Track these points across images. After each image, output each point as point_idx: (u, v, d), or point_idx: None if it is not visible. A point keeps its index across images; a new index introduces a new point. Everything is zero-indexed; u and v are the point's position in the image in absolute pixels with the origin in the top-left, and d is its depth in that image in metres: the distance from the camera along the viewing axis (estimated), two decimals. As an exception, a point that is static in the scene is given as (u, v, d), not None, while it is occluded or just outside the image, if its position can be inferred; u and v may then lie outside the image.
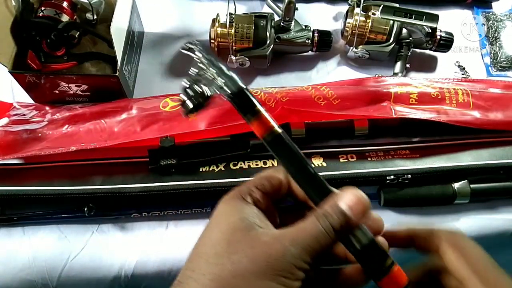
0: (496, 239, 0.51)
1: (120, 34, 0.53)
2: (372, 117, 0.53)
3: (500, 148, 0.53)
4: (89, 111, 0.53)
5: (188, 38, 0.65)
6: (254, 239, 0.26)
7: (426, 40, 0.63)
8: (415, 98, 0.55)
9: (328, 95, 0.53)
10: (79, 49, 0.56)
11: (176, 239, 0.48)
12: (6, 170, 0.49)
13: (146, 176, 0.48)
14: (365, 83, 0.58)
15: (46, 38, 0.53)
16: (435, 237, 0.31)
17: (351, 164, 0.51)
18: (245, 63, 0.59)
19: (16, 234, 0.47)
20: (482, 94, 0.57)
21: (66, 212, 0.47)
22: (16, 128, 0.51)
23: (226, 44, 0.58)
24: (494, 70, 0.66)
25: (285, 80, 0.63)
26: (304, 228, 0.26)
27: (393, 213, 0.50)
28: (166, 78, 0.61)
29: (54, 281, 0.45)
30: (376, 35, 0.62)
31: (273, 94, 0.53)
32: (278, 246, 0.25)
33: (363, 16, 0.62)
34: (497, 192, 0.51)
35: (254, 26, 0.57)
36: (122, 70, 0.53)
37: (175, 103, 0.52)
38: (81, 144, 0.49)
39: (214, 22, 0.59)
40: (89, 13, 0.57)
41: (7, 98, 0.55)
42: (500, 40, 0.68)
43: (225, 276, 0.25)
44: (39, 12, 0.53)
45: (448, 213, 0.50)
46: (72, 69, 0.54)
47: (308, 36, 0.61)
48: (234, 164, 0.50)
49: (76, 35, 0.55)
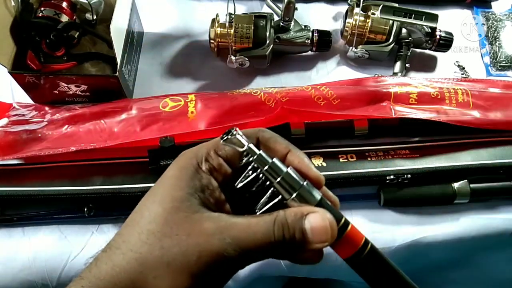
0: (496, 239, 0.51)
1: (119, 34, 0.53)
2: (372, 117, 0.53)
3: (500, 147, 0.53)
4: (89, 111, 0.53)
5: (187, 38, 0.65)
6: (194, 225, 0.23)
7: (425, 40, 0.63)
8: (415, 98, 0.55)
9: (328, 95, 0.53)
10: (79, 49, 0.56)
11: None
12: (6, 171, 0.49)
13: (146, 177, 0.48)
14: (365, 83, 0.59)
15: (45, 38, 0.53)
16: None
17: (351, 164, 0.51)
18: (244, 63, 0.59)
19: (16, 235, 0.47)
20: (482, 94, 0.57)
21: (66, 212, 0.47)
22: (16, 129, 0.51)
23: (226, 44, 0.58)
24: (493, 70, 0.66)
25: (285, 80, 0.63)
26: (254, 230, 0.23)
27: (393, 213, 0.50)
28: (165, 78, 0.61)
29: (54, 282, 0.45)
30: (375, 35, 0.62)
31: (273, 94, 0.53)
32: (216, 242, 0.23)
33: (362, 16, 0.62)
34: (497, 191, 0.51)
35: (253, 26, 0.57)
36: (121, 70, 0.53)
37: (175, 103, 0.52)
38: (81, 144, 0.49)
39: (214, 22, 0.59)
40: (89, 13, 0.57)
41: (7, 99, 0.55)
42: (499, 39, 0.68)
43: (150, 261, 0.23)
44: (39, 12, 0.53)
45: (448, 213, 0.50)
46: (72, 69, 0.54)
47: (308, 36, 0.61)
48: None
49: (75, 35, 0.55)
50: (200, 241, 0.23)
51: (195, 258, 0.22)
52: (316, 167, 0.50)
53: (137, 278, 0.23)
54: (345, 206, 0.51)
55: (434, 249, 0.50)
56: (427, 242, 0.49)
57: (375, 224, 0.49)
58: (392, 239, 0.49)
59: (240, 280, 0.48)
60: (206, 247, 0.23)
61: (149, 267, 0.23)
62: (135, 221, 0.25)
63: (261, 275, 0.49)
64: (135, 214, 0.25)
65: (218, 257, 0.23)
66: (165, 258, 0.23)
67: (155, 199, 0.25)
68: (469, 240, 0.50)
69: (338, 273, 0.52)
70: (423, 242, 0.49)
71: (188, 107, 0.52)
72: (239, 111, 0.52)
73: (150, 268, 0.23)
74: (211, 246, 0.23)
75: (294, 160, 0.26)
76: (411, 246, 0.49)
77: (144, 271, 0.23)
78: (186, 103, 0.52)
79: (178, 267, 0.22)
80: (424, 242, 0.49)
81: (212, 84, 0.61)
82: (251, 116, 0.51)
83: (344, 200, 0.51)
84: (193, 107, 0.52)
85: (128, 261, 0.23)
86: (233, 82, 0.61)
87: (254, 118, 0.51)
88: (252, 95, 0.53)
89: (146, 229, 0.24)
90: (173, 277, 0.22)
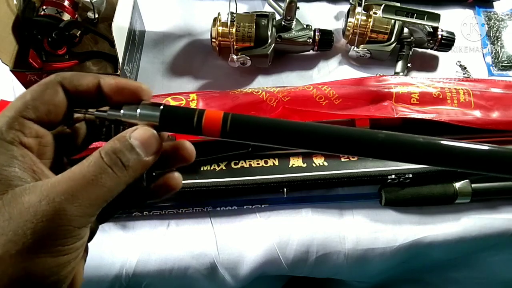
0: (497, 239, 0.51)
1: (121, 33, 0.53)
2: (373, 117, 0.53)
3: (501, 147, 0.53)
4: (91, 110, 0.53)
5: (189, 37, 0.65)
6: (13, 205, 0.19)
7: (427, 39, 0.63)
8: (417, 98, 0.55)
9: (330, 94, 0.53)
10: (81, 48, 0.56)
11: (177, 238, 0.48)
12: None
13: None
14: (367, 83, 0.58)
15: (47, 37, 0.53)
16: None
17: (353, 163, 0.51)
18: (246, 62, 0.59)
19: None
20: (484, 94, 0.57)
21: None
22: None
23: (228, 43, 0.58)
24: (495, 70, 0.66)
25: (286, 79, 0.63)
26: (83, 171, 0.21)
27: (394, 212, 0.50)
28: (167, 77, 0.61)
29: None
30: (377, 35, 0.62)
31: (274, 94, 0.53)
32: (46, 207, 0.19)
33: (364, 16, 0.61)
34: (498, 192, 0.51)
35: (255, 25, 0.57)
36: (123, 69, 0.53)
37: (176, 102, 0.52)
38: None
39: (216, 21, 0.59)
40: (91, 12, 0.57)
41: (9, 97, 0.55)
42: (501, 39, 0.68)
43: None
44: (41, 11, 0.53)
45: (449, 213, 0.50)
46: (74, 68, 0.54)
47: (310, 35, 0.61)
48: (235, 163, 0.50)
49: (77, 34, 0.55)
50: (28, 217, 0.19)
51: (33, 236, 0.19)
52: (317, 166, 0.50)
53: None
54: (347, 205, 0.51)
55: (435, 249, 0.50)
56: (428, 242, 0.49)
57: (376, 224, 0.49)
58: (393, 238, 0.49)
59: (241, 279, 0.48)
60: (38, 219, 0.19)
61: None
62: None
63: (261, 274, 0.49)
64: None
65: (59, 221, 0.19)
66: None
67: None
68: (470, 240, 0.50)
69: (338, 273, 0.53)
70: (424, 242, 0.49)
71: (189, 106, 0.52)
72: (241, 110, 0.52)
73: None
74: (44, 215, 0.19)
75: (110, 81, 0.24)
76: (412, 245, 0.49)
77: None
78: (187, 102, 0.52)
79: (19, 257, 0.19)
80: (425, 242, 0.49)
81: (214, 83, 0.61)
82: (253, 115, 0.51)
83: (345, 199, 0.51)
84: (195, 106, 0.52)
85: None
86: (234, 81, 0.61)
87: (255, 117, 0.51)
88: (253, 94, 0.53)
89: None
90: (18, 270, 0.19)
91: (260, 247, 0.47)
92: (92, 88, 0.24)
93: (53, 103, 0.23)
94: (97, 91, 0.24)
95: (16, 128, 0.21)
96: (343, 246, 0.48)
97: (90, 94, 0.24)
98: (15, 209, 0.19)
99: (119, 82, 0.24)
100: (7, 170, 0.20)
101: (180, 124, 0.25)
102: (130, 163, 0.22)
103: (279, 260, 0.47)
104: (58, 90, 0.23)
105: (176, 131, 0.25)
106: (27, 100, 0.22)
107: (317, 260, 0.48)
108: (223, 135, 0.25)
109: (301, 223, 0.49)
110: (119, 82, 0.24)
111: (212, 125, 0.25)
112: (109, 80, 0.24)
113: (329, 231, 0.48)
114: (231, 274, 0.48)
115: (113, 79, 0.24)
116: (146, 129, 0.23)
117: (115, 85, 0.24)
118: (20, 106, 0.22)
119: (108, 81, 0.24)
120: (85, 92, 0.24)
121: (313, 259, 0.48)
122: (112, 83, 0.24)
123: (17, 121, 0.22)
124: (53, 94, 0.23)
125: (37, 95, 0.22)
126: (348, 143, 0.24)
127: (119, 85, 0.24)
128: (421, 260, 0.52)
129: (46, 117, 0.23)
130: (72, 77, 0.24)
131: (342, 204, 0.51)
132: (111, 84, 0.24)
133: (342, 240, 0.48)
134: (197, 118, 0.25)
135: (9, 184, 0.20)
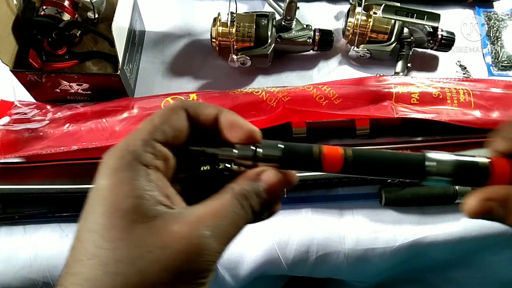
0: (497, 239, 0.51)
1: (121, 33, 0.53)
2: (373, 117, 0.53)
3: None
4: (91, 110, 0.53)
5: (189, 37, 0.65)
6: (163, 233, 0.20)
7: (427, 39, 0.63)
8: (417, 98, 0.55)
9: (330, 94, 0.53)
10: (81, 48, 0.56)
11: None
12: (8, 169, 0.49)
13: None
14: (367, 83, 0.58)
15: (47, 36, 0.53)
16: None
17: (352, 163, 0.51)
18: (246, 62, 0.59)
19: (17, 233, 0.47)
20: (484, 94, 0.57)
21: (67, 210, 0.47)
22: (18, 127, 0.51)
23: (227, 43, 0.58)
24: (495, 70, 0.66)
25: (286, 79, 0.63)
26: (223, 213, 0.21)
27: (394, 212, 0.50)
28: (167, 77, 0.61)
29: (55, 280, 0.45)
30: (377, 35, 0.62)
31: (274, 94, 0.53)
32: (196, 240, 0.20)
33: (364, 15, 0.61)
34: (498, 192, 0.51)
35: (255, 25, 0.57)
36: (123, 69, 0.53)
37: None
38: (83, 143, 0.49)
39: (216, 21, 0.59)
40: (91, 11, 0.57)
41: (9, 97, 0.55)
42: (501, 39, 0.68)
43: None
44: (41, 10, 0.53)
45: (449, 213, 0.50)
46: (74, 68, 0.54)
47: (310, 35, 0.61)
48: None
49: (77, 34, 0.55)
50: (179, 248, 0.19)
51: (180, 266, 0.19)
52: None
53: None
54: (347, 205, 0.51)
55: (435, 249, 0.50)
56: (428, 241, 0.49)
57: (376, 224, 0.49)
58: (393, 238, 0.49)
59: (241, 279, 0.48)
60: (189, 250, 0.19)
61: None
62: (79, 251, 0.20)
63: (261, 274, 0.49)
64: (78, 243, 0.20)
65: (204, 255, 0.20)
66: (146, 282, 0.19)
67: (96, 220, 0.20)
68: (470, 240, 0.50)
69: (338, 273, 0.53)
70: (424, 242, 0.49)
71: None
72: (241, 110, 0.52)
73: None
74: (193, 247, 0.20)
75: (228, 117, 0.25)
76: (412, 245, 0.49)
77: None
78: (187, 102, 0.52)
79: (165, 285, 0.19)
80: (425, 242, 0.49)
81: (214, 83, 0.61)
82: (253, 115, 0.51)
83: (345, 199, 0.51)
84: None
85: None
86: (234, 81, 0.61)
87: (255, 118, 0.51)
88: (253, 94, 0.53)
89: (112, 271, 0.19)
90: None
91: (260, 247, 0.47)
92: (212, 119, 0.24)
93: (179, 128, 0.23)
94: (214, 123, 0.24)
95: (150, 151, 0.22)
96: (343, 246, 0.48)
97: (208, 124, 0.24)
98: (167, 238, 0.19)
99: (236, 121, 0.24)
100: (150, 194, 0.20)
101: (300, 163, 0.25)
102: (256, 208, 0.22)
103: (279, 260, 0.47)
104: (183, 116, 0.24)
105: (295, 169, 0.25)
106: (157, 123, 0.23)
107: (317, 260, 0.48)
108: (344, 171, 0.25)
109: (301, 223, 0.49)
110: (236, 120, 0.24)
111: (333, 162, 0.25)
112: (228, 115, 0.24)
113: (329, 231, 0.48)
114: (231, 274, 0.48)
115: (231, 115, 0.24)
116: (275, 173, 0.23)
117: (233, 121, 0.24)
118: (151, 129, 0.22)
119: (227, 116, 0.24)
120: (204, 121, 0.24)
121: (313, 259, 0.48)
122: (230, 119, 0.24)
123: (151, 144, 0.22)
124: (178, 119, 0.23)
125: (165, 119, 0.23)
126: None
127: (235, 123, 0.24)
128: (421, 260, 0.52)
129: (172, 141, 0.23)
130: (197, 105, 0.24)
131: (342, 204, 0.51)
132: (228, 119, 0.24)
133: (342, 240, 0.48)
134: (316, 155, 0.25)
135: (154, 210, 0.20)
